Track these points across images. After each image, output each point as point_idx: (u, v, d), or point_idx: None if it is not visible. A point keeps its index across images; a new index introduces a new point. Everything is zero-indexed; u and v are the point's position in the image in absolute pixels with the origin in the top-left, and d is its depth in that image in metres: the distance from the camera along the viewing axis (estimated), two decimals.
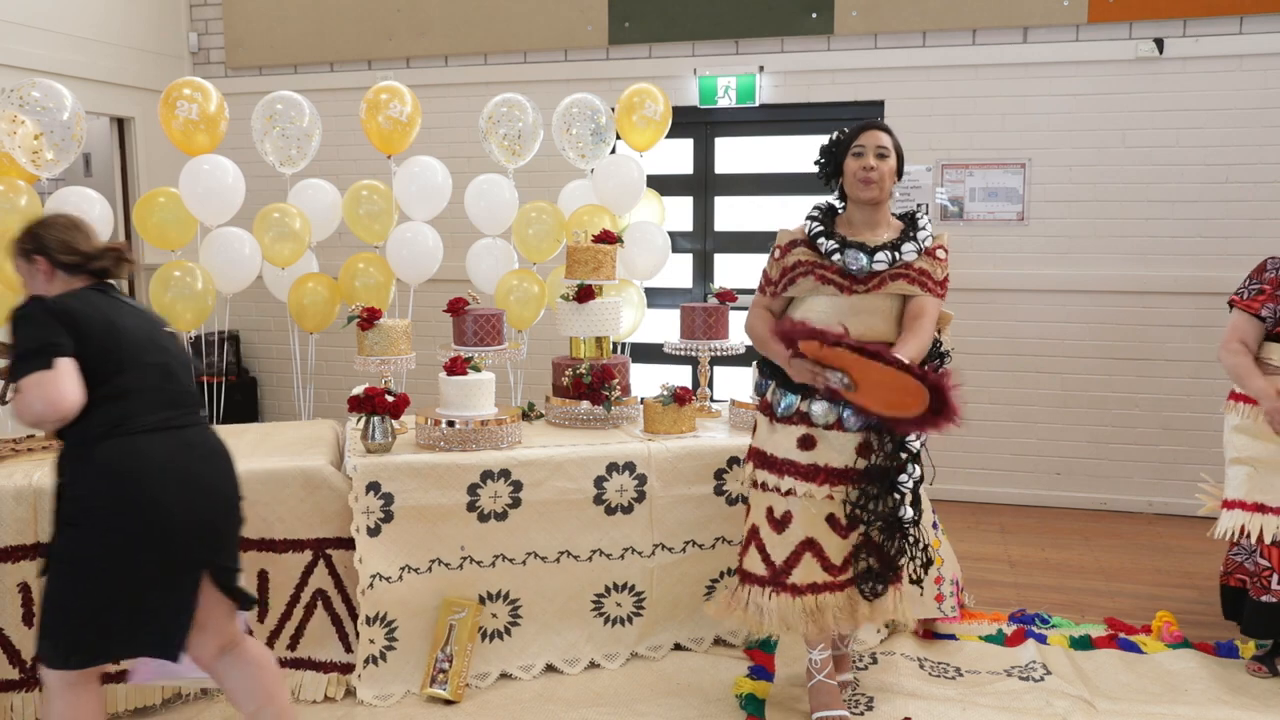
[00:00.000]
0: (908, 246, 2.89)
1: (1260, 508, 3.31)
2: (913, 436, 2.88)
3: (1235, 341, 3.33)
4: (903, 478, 2.89)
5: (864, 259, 2.87)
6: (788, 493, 2.92)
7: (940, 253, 2.95)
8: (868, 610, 2.98)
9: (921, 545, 2.99)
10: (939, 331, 3.01)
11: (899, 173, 3.01)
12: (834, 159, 3.05)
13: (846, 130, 3.07)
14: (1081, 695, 3.28)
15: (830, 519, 2.92)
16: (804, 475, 2.91)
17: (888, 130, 3.00)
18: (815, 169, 3.13)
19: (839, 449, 2.90)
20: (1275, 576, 3.34)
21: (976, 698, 3.28)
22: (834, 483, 2.90)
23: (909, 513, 2.91)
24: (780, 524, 2.94)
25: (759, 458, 3.02)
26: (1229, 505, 3.38)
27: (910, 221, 3.00)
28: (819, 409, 2.87)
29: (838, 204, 3.10)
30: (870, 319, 2.90)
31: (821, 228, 2.97)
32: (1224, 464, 3.47)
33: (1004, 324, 5.58)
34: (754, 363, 3.18)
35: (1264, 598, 3.36)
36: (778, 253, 3.06)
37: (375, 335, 3.71)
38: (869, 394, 2.65)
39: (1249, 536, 3.31)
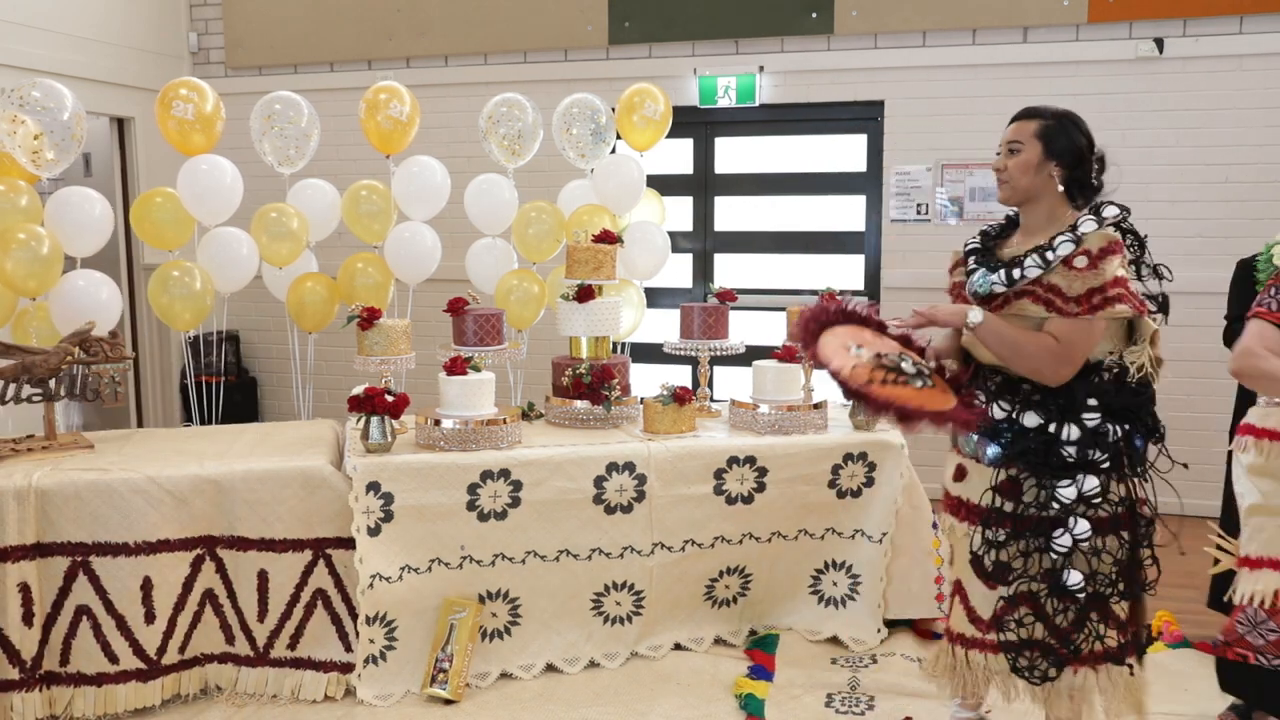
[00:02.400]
0: (1030, 260, 2.43)
1: None
2: (1067, 484, 2.39)
3: (1261, 347, 2.50)
4: (1059, 532, 2.39)
5: (981, 280, 2.51)
6: (949, 527, 2.65)
7: (1081, 260, 2.38)
8: (1044, 693, 2.49)
9: (1118, 621, 2.45)
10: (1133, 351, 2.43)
11: (1065, 157, 2.50)
12: None
13: None
14: None
15: (974, 562, 2.53)
16: (952, 509, 2.63)
17: (1034, 115, 2.54)
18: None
19: (979, 483, 2.52)
20: None
21: None
22: (973, 521, 2.53)
23: (1074, 577, 2.39)
24: (950, 561, 2.72)
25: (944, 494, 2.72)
26: (1252, 564, 2.71)
27: (1075, 224, 2.46)
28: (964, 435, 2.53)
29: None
30: None
31: (978, 243, 2.64)
32: (1240, 511, 2.84)
33: None
34: None
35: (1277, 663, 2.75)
36: (948, 272, 2.74)
37: (375, 335, 3.71)
38: (869, 384, 2.36)
39: None
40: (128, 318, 6.12)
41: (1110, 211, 2.46)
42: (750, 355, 4.10)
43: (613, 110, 4.70)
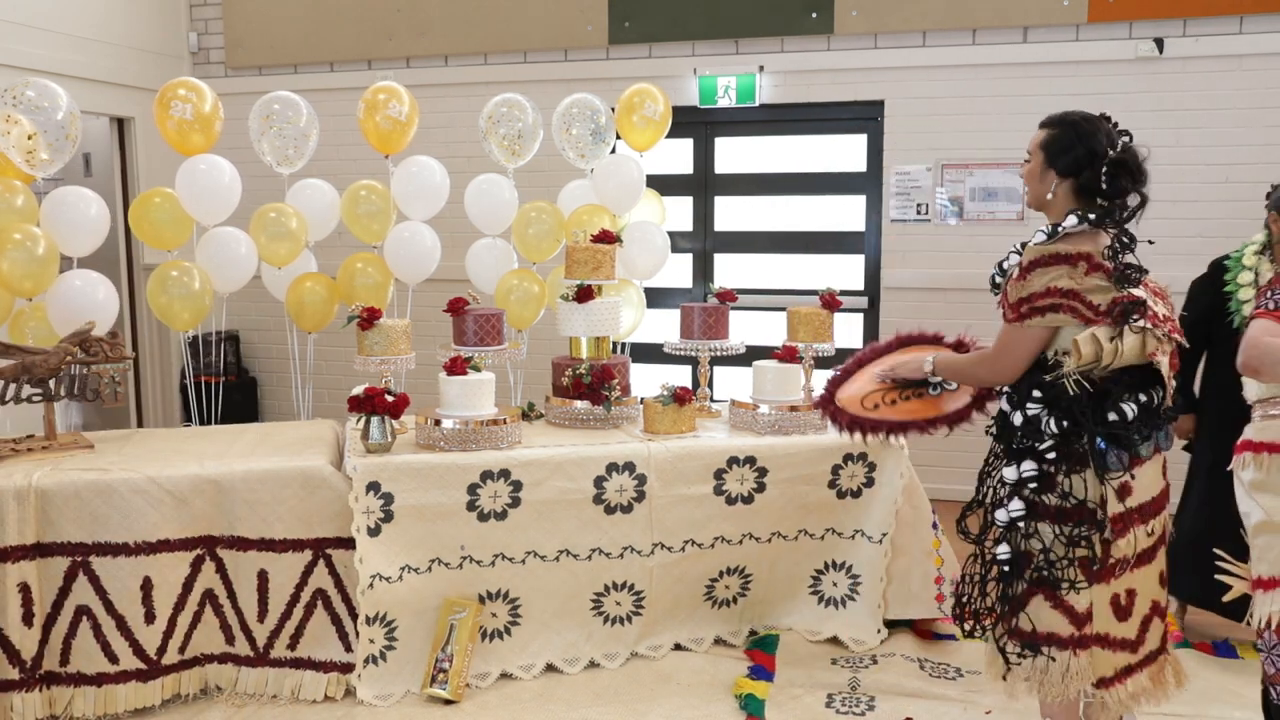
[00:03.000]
0: (1007, 265, 2.67)
1: None
2: (1011, 466, 2.56)
3: (1268, 335, 2.39)
4: (1000, 510, 2.58)
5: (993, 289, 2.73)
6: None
7: (1016, 271, 2.55)
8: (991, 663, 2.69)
9: (1006, 602, 2.59)
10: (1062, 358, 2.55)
11: (1066, 167, 2.56)
12: None
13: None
14: None
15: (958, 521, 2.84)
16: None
17: (1045, 125, 2.62)
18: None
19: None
20: None
21: (976, 698, 3.28)
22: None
23: (1002, 549, 2.57)
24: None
25: None
26: (1266, 585, 2.53)
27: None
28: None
29: None
30: None
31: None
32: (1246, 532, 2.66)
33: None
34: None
35: None
36: None
37: (375, 335, 3.71)
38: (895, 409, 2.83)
39: None
40: (127, 318, 6.12)
41: (1069, 222, 2.51)
42: (750, 355, 4.09)
43: (612, 110, 4.70)
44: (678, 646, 3.64)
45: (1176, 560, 3.71)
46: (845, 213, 5.97)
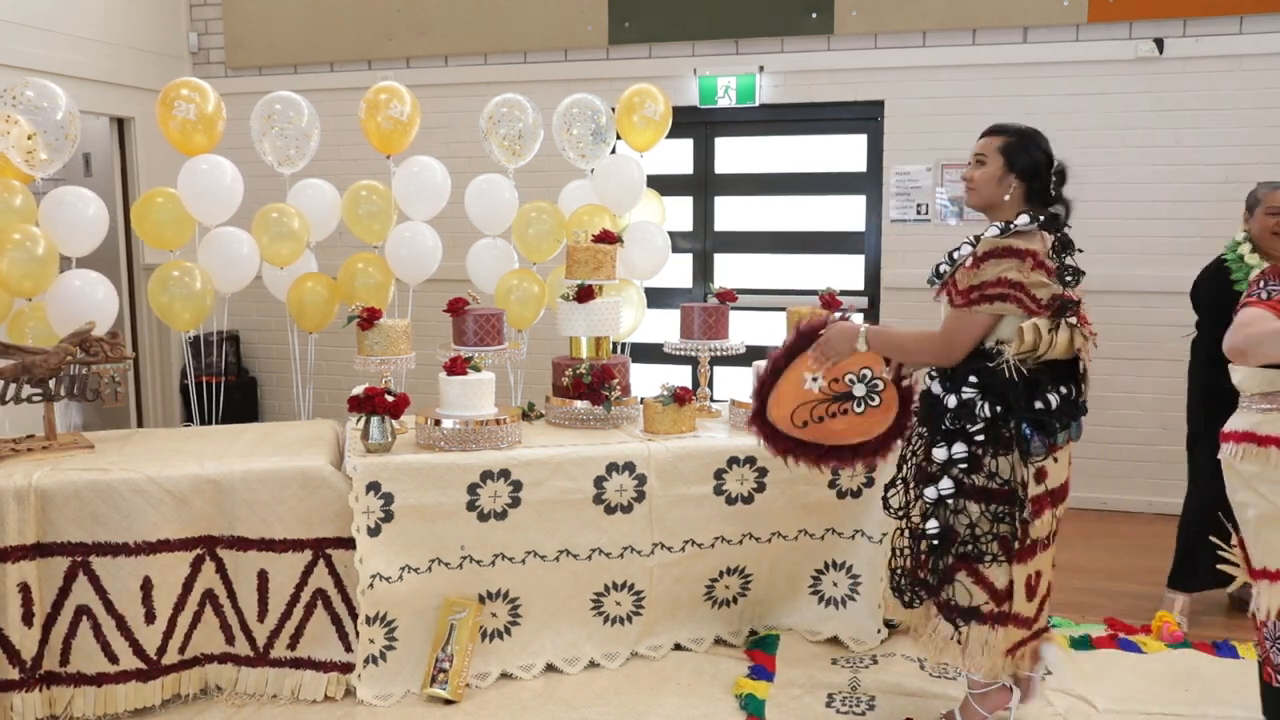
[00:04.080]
0: (945, 260, 2.89)
1: None
2: (942, 446, 2.74)
3: (1257, 319, 2.47)
4: (930, 487, 2.77)
5: (932, 275, 2.92)
6: None
7: (969, 260, 2.75)
8: (916, 628, 2.94)
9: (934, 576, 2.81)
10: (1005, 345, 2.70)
11: (1024, 171, 2.76)
12: None
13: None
14: (1081, 695, 3.28)
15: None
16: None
17: (1000, 132, 2.82)
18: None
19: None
20: None
21: None
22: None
23: (931, 524, 2.78)
24: None
25: None
26: (1272, 576, 2.59)
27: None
28: None
29: None
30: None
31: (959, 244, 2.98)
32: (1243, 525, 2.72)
33: None
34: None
35: None
36: None
37: (375, 335, 3.71)
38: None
39: None
40: (127, 318, 6.12)
41: (1021, 220, 2.72)
42: (750, 355, 4.09)
43: (613, 110, 4.70)
44: (678, 646, 3.64)
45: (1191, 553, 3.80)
46: (845, 213, 5.97)
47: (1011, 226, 2.72)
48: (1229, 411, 2.71)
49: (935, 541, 2.78)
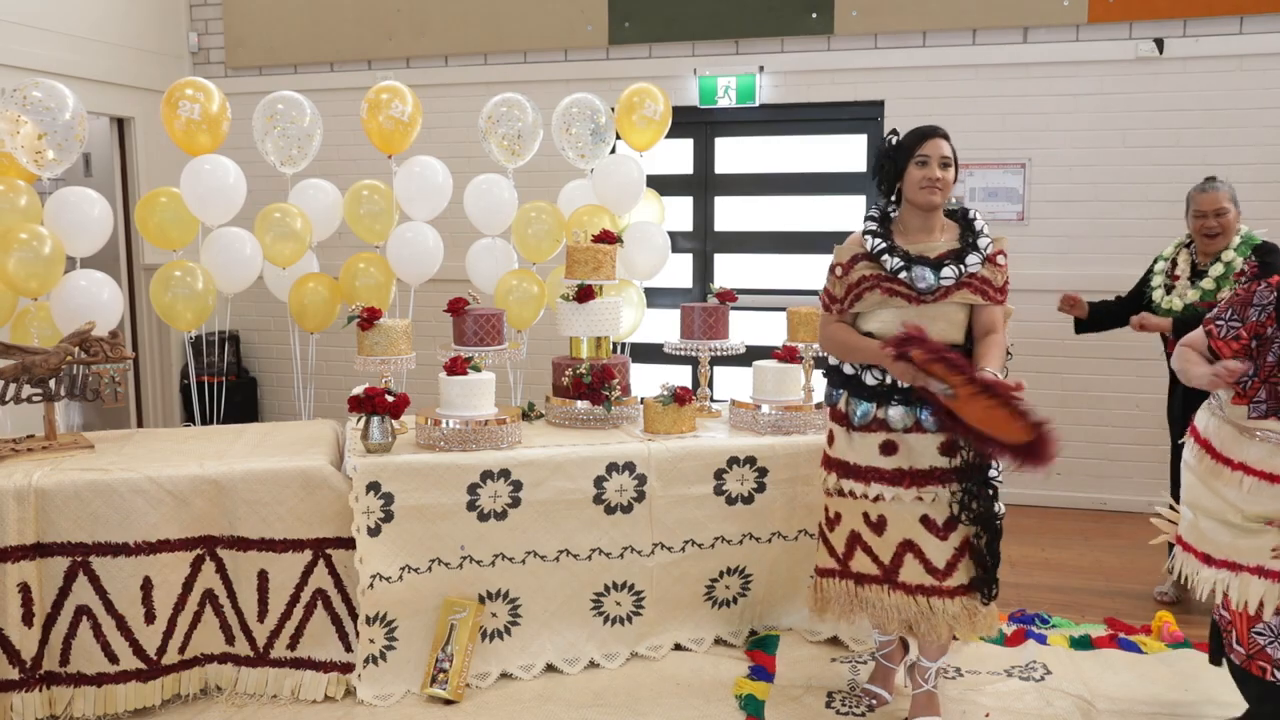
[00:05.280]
0: (971, 258, 2.90)
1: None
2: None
3: (1191, 348, 2.87)
4: (993, 471, 2.88)
5: (930, 276, 2.87)
6: (876, 498, 2.94)
7: (1000, 258, 2.96)
8: (969, 625, 2.93)
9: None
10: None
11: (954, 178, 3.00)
12: (896, 166, 2.96)
13: (898, 134, 3.01)
14: (1081, 695, 3.28)
15: (924, 520, 2.91)
16: (890, 480, 2.92)
17: (948, 138, 2.96)
18: (865, 172, 3.11)
19: (921, 450, 2.90)
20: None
21: (976, 698, 3.28)
22: (921, 484, 2.89)
23: (1001, 508, 2.91)
24: (878, 527, 2.97)
25: (841, 468, 3.01)
26: (1185, 546, 2.94)
27: (966, 223, 3.00)
28: (896, 413, 2.89)
29: (890, 209, 3.05)
30: (938, 325, 2.89)
31: (883, 243, 2.93)
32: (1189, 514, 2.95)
33: None
34: (823, 373, 3.17)
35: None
36: (839, 270, 3.03)
37: (375, 335, 3.71)
38: (966, 406, 2.67)
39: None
40: (128, 318, 6.12)
41: (978, 215, 3.03)
42: (750, 355, 4.10)
43: (612, 110, 4.70)
44: (678, 646, 3.64)
45: None
46: (845, 213, 5.97)
47: (979, 221, 3.01)
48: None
49: (999, 521, 2.90)
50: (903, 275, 2.88)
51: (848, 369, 3.01)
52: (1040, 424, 2.52)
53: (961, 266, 2.88)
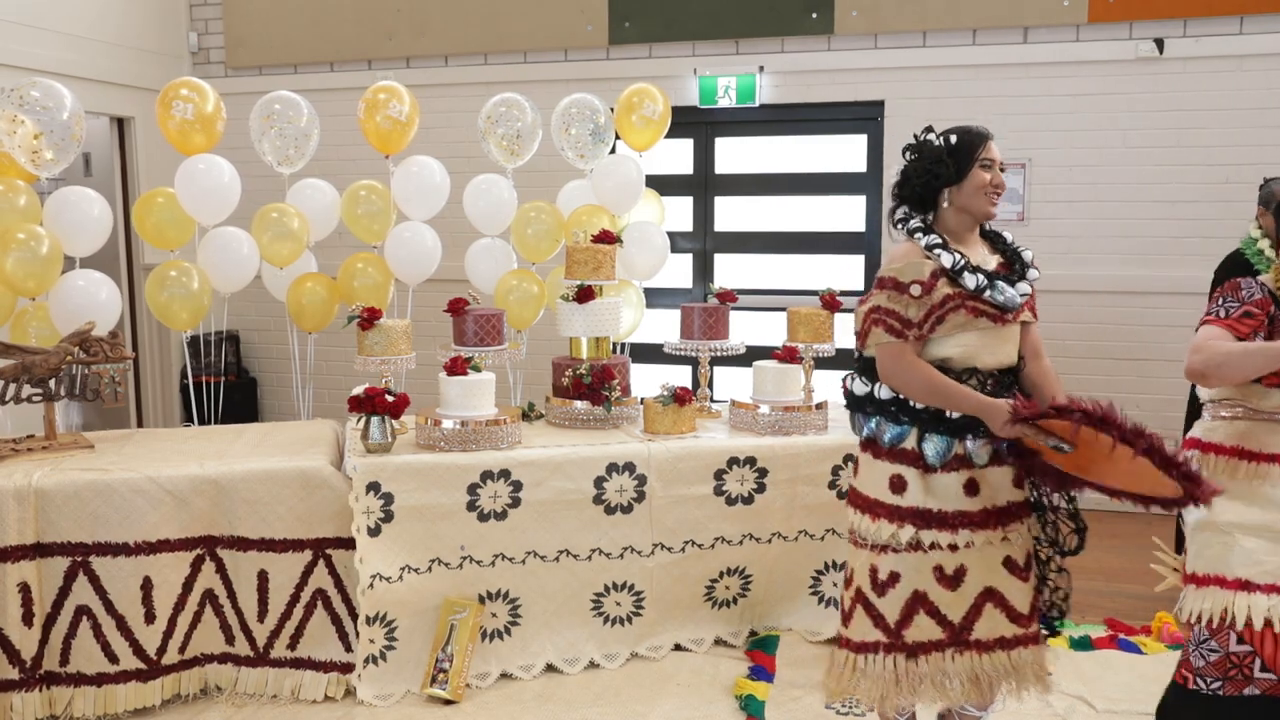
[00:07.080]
0: (1032, 272, 2.70)
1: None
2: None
3: (1212, 341, 2.53)
4: (1056, 497, 2.62)
5: (1011, 292, 2.59)
6: (963, 546, 2.55)
7: (1033, 272, 2.72)
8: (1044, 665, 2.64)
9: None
10: None
11: None
12: (957, 168, 2.63)
13: (937, 134, 2.69)
14: (1081, 695, 3.28)
15: (1007, 562, 2.58)
16: (978, 524, 2.55)
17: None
18: (926, 173, 2.66)
19: (999, 485, 2.58)
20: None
21: None
22: (1006, 523, 2.58)
23: (1075, 537, 2.68)
24: (954, 580, 2.57)
25: (921, 518, 2.54)
26: (1199, 581, 2.61)
27: (997, 237, 2.76)
28: (976, 447, 2.55)
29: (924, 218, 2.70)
30: (1007, 348, 2.65)
31: (961, 258, 2.58)
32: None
33: None
34: (851, 404, 2.69)
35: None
36: (917, 289, 2.54)
37: (375, 335, 3.71)
38: (1095, 463, 2.41)
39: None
40: (128, 318, 6.12)
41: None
42: (750, 356, 4.10)
43: (612, 110, 4.69)
44: (678, 647, 3.64)
45: None
46: (845, 213, 5.97)
47: (1007, 233, 2.80)
48: None
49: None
50: (987, 295, 2.55)
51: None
52: (1192, 475, 2.23)
53: (1027, 281, 2.65)
